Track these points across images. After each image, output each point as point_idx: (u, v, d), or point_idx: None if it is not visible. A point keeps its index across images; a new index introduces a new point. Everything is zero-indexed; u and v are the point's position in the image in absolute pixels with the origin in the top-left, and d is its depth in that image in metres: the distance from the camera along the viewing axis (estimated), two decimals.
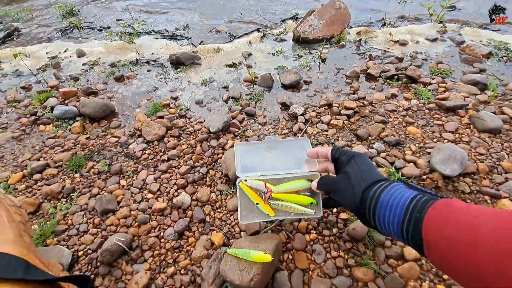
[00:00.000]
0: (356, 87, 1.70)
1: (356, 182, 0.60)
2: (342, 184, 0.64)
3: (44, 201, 1.18)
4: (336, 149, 0.74)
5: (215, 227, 1.03)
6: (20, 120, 1.63)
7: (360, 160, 0.65)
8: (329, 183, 0.71)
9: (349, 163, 0.66)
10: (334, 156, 0.73)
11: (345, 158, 0.69)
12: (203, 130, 1.43)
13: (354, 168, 0.64)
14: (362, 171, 0.61)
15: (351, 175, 0.62)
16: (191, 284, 0.89)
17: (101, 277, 0.92)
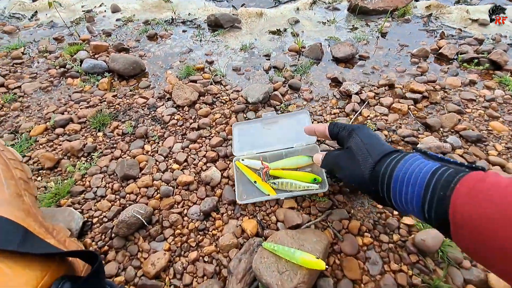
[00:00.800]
0: (425, 68, 1.41)
1: (362, 157, 0.53)
2: (346, 161, 0.57)
3: (63, 157, 1.08)
4: (333, 125, 0.66)
5: (247, 212, 0.87)
6: (49, 71, 1.55)
7: (362, 133, 0.57)
8: (331, 161, 0.62)
9: (351, 137, 0.58)
10: (332, 133, 0.66)
11: (345, 133, 0.61)
12: (240, 100, 1.25)
13: (358, 142, 0.56)
14: (368, 144, 0.54)
15: (354, 150, 0.55)
16: (215, 275, 0.75)
17: (114, 250, 0.80)
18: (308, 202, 0.87)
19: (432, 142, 1.01)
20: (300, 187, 0.83)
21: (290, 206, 0.86)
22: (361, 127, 0.59)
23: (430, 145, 1.00)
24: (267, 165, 0.89)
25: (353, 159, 0.53)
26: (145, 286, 0.72)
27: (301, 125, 0.97)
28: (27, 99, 1.38)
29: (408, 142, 1.05)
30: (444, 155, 1.00)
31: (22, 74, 1.55)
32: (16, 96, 1.39)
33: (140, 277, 0.74)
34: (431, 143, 1.01)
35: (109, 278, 0.74)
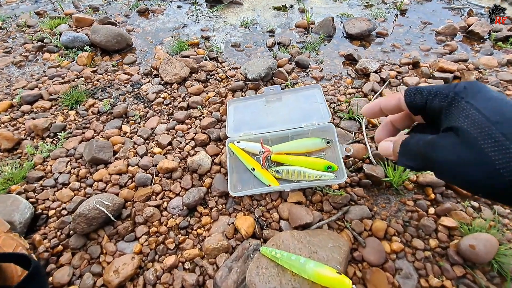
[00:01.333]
0: (454, 46, 1.22)
1: (492, 145, 0.27)
2: (456, 151, 0.30)
3: (26, 138, 0.90)
4: (414, 90, 0.35)
5: (242, 207, 0.69)
6: (25, 46, 1.38)
7: (480, 98, 0.30)
8: (422, 151, 0.33)
9: (457, 108, 0.31)
10: (414, 104, 0.35)
11: (441, 101, 0.33)
12: (239, 77, 1.07)
13: (476, 117, 0.29)
14: (500, 119, 0.28)
15: (472, 133, 0.28)
16: (197, 287, 0.57)
17: (70, 251, 0.62)
18: (319, 196, 0.69)
19: None
20: (311, 177, 0.65)
21: (297, 201, 0.68)
22: (473, 86, 0.32)
23: None
24: (268, 149, 0.71)
25: (471, 148, 0.29)
26: None
27: (311, 102, 0.79)
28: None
29: None
30: None
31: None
32: None
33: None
34: None
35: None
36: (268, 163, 0.71)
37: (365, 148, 0.79)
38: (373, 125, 0.87)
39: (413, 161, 0.34)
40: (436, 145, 0.31)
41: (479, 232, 0.60)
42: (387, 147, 0.39)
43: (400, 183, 0.72)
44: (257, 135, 0.74)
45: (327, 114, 0.73)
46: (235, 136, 0.75)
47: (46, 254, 0.61)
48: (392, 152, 0.38)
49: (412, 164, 0.34)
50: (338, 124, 0.87)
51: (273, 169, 0.69)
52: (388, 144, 0.39)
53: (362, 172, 0.74)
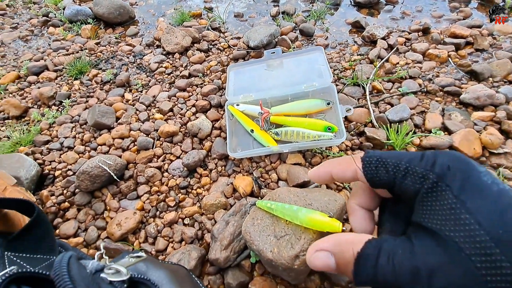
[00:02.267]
0: (468, 12, 1.15)
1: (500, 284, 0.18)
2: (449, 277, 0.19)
3: (33, 106, 0.93)
4: (375, 163, 0.25)
5: (241, 168, 0.70)
6: (31, 21, 1.39)
7: (472, 188, 0.20)
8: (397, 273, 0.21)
9: (441, 203, 0.21)
10: (377, 180, 0.25)
11: (416, 183, 0.23)
12: (241, 46, 1.04)
13: (469, 226, 0.19)
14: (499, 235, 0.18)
15: (468, 257, 0.19)
16: (196, 240, 0.59)
17: (76, 207, 0.65)
18: (319, 158, 0.69)
19: (482, 90, 0.79)
20: (310, 137, 0.65)
21: (296, 162, 0.68)
22: (460, 168, 0.22)
23: (478, 94, 0.78)
24: (267, 110, 0.70)
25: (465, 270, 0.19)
26: (108, 249, 0.57)
27: (313, 64, 0.77)
28: (4, 49, 1.23)
29: (448, 92, 0.83)
30: (496, 107, 0.78)
31: (3, 25, 1.40)
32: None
33: (103, 239, 0.59)
34: (481, 92, 0.79)
35: (65, 239, 0.60)
36: (267, 125, 0.70)
37: (367, 112, 0.77)
38: (378, 90, 0.84)
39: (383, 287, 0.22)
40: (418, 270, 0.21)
41: None
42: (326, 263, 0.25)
43: (403, 146, 0.70)
44: (257, 97, 0.73)
45: (328, 75, 0.72)
46: (234, 99, 0.74)
47: (53, 208, 0.64)
48: (336, 269, 0.25)
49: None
50: (341, 90, 0.85)
51: (272, 130, 0.69)
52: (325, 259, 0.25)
53: (363, 136, 0.73)
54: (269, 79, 0.78)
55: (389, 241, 0.23)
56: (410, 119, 0.75)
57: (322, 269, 0.25)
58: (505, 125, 0.72)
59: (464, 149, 0.67)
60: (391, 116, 0.74)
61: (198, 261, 0.53)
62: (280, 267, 0.44)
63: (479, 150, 0.68)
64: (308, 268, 0.46)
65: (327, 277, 0.52)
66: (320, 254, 0.25)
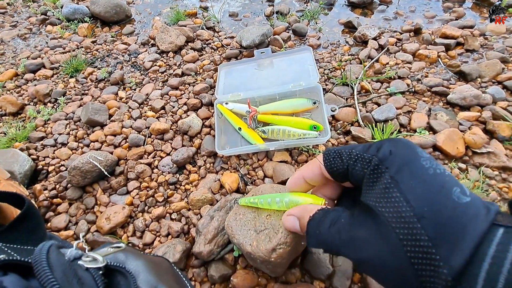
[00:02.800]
0: (461, 13, 1.16)
1: (415, 253, 0.21)
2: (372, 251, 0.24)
3: (29, 103, 0.95)
4: (333, 152, 0.29)
5: (229, 165, 0.71)
6: (29, 19, 1.41)
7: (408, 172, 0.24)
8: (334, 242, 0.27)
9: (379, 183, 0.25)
10: (334, 170, 0.29)
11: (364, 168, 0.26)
12: (234, 45, 1.06)
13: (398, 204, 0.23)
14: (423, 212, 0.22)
15: (392, 227, 0.23)
16: (182, 234, 0.61)
17: (68, 201, 0.67)
18: (305, 156, 0.70)
19: (468, 90, 0.80)
20: (295, 135, 0.66)
21: (282, 160, 0.70)
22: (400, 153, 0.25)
23: (465, 94, 0.79)
24: (255, 109, 0.72)
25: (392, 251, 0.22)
26: (96, 242, 0.59)
27: (301, 64, 0.78)
28: (3, 47, 1.25)
29: (436, 92, 0.84)
30: (482, 108, 0.79)
31: (3, 23, 1.42)
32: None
33: (93, 233, 0.61)
34: (467, 92, 0.80)
35: (56, 232, 0.62)
36: (254, 123, 0.72)
37: (355, 112, 0.79)
38: (366, 90, 0.85)
39: (325, 247, 0.28)
40: (353, 237, 0.25)
41: None
42: (293, 225, 0.33)
43: None
44: (245, 96, 0.75)
45: (315, 75, 0.73)
46: (223, 97, 0.76)
47: (46, 202, 0.66)
48: (300, 229, 0.33)
49: (324, 249, 0.28)
50: (330, 90, 0.86)
51: (259, 129, 0.70)
52: (292, 220, 0.33)
53: (350, 135, 0.74)
54: (258, 79, 0.80)
55: (336, 211, 0.29)
56: (396, 118, 0.76)
57: (291, 230, 0.33)
58: (490, 125, 0.73)
59: (447, 149, 0.68)
60: (377, 116, 0.75)
61: (183, 254, 0.55)
62: (258, 260, 0.46)
63: (462, 150, 0.69)
64: (286, 261, 0.47)
65: (307, 270, 0.54)
66: (289, 218, 0.33)
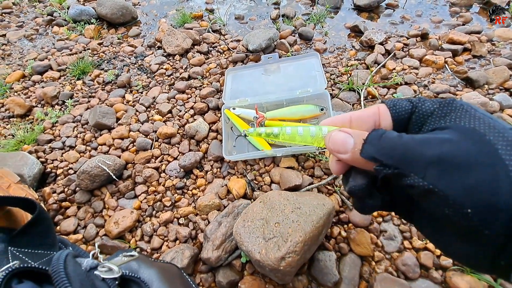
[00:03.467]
0: (468, 17, 1.16)
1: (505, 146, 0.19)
2: (456, 146, 0.20)
3: (37, 105, 0.96)
4: (398, 99, 0.27)
5: (236, 171, 0.72)
6: (36, 20, 1.42)
7: (481, 110, 0.23)
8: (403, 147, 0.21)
9: (455, 111, 0.23)
10: (398, 108, 0.26)
11: (434, 104, 0.25)
12: (240, 49, 1.06)
13: (482, 118, 0.21)
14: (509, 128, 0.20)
15: (478, 129, 0.21)
16: (190, 239, 0.61)
17: (76, 205, 0.68)
18: (311, 162, 0.71)
19: (476, 97, 0.80)
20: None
21: (289, 166, 0.70)
22: (469, 103, 0.25)
23: (472, 102, 0.79)
24: (262, 115, 0.72)
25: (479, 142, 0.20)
26: (105, 246, 0.59)
27: (308, 70, 0.79)
28: (10, 47, 1.26)
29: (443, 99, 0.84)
30: None
31: (9, 24, 1.43)
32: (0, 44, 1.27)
33: (101, 237, 0.62)
34: (474, 99, 0.80)
35: (65, 235, 0.62)
36: None
37: None
38: (373, 96, 0.86)
39: (387, 154, 0.22)
40: (430, 139, 0.22)
41: None
42: (345, 141, 0.26)
43: None
44: (252, 102, 0.75)
45: (323, 81, 0.73)
46: (231, 103, 0.76)
47: (55, 206, 0.66)
48: (351, 150, 0.25)
49: (384, 158, 0.22)
50: (337, 95, 0.86)
51: None
52: (345, 137, 0.26)
53: None
54: (265, 84, 0.80)
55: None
56: None
57: (338, 147, 0.26)
58: None
59: None
60: None
61: (191, 260, 0.56)
62: (267, 268, 0.46)
63: None
64: (294, 270, 0.48)
65: (314, 277, 0.54)
66: (341, 133, 0.26)
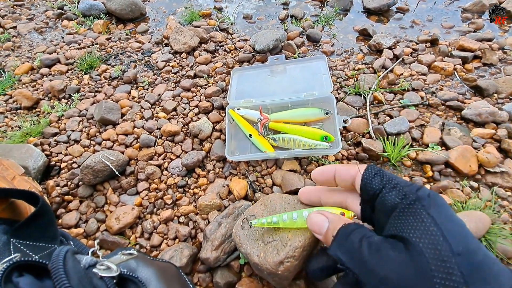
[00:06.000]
0: (479, 24, 1.14)
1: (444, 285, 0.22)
2: (401, 273, 0.24)
3: (44, 98, 0.97)
4: (375, 171, 0.31)
5: (238, 171, 0.72)
6: (46, 13, 1.43)
7: (444, 214, 0.25)
8: (362, 255, 0.27)
9: (414, 217, 0.26)
10: (369, 185, 0.30)
11: (397, 198, 0.28)
12: (247, 49, 1.06)
13: (435, 237, 0.24)
14: (460, 250, 0.23)
15: (426, 257, 0.23)
16: (189, 239, 0.61)
17: (79, 199, 0.68)
18: (314, 166, 0.70)
19: (484, 107, 0.79)
20: (306, 145, 0.66)
21: (291, 169, 0.70)
22: (437, 198, 0.27)
23: (480, 111, 0.78)
24: (266, 116, 0.72)
25: (423, 278, 0.23)
26: (105, 242, 0.60)
27: (314, 73, 0.78)
28: (20, 39, 1.27)
29: (450, 106, 0.83)
30: (498, 125, 0.78)
31: (20, 16, 1.44)
32: (10, 36, 1.28)
33: (102, 232, 0.63)
34: (482, 108, 0.78)
35: (67, 229, 0.63)
36: (265, 131, 0.72)
37: (366, 123, 0.78)
38: (379, 101, 0.85)
39: (347, 257, 0.27)
40: (382, 254, 0.25)
41: (472, 210, 0.59)
42: (321, 225, 0.32)
43: (399, 159, 0.71)
44: (257, 103, 0.75)
45: (329, 85, 0.73)
46: (235, 103, 0.76)
47: (58, 199, 0.67)
48: (325, 233, 0.31)
49: (345, 260, 0.27)
50: (343, 99, 0.85)
51: (270, 136, 0.70)
52: (322, 220, 0.33)
53: (360, 146, 0.74)
54: (271, 85, 0.80)
55: (370, 231, 0.29)
56: (408, 132, 0.75)
57: (315, 229, 0.33)
58: (505, 144, 0.72)
59: (459, 166, 0.67)
60: (389, 129, 0.75)
61: (189, 259, 0.56)
62: (265, 271, 0.46)
63: (475, 168, 0.68)
64: (292, 275, 0.47)
65: (313, 282, 0.54)
66: (320, 217, 0.32)
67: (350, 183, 0.33)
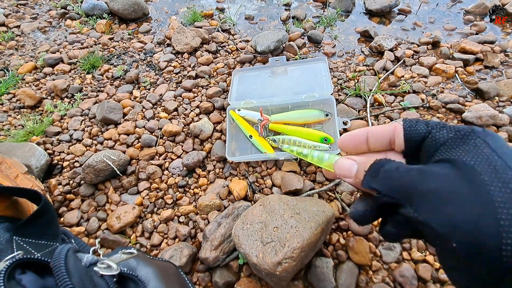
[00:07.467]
0: (482, 26, 1.13)
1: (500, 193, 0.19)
2: (450, 183, 0.21)
3: (47, 97, 0.97)
4: (415, 120, 0.27)
5: (238, 172, 0.72)
6: (50, 12, 1.44)
7: (500, 143, 0.22)
8: (402, 180, 0.23)
9: (467, 144, 0.23)
10: (413, 131, 0.27)
11: (449, 133, 0.24)
12: (248, 50, 1.06)
13: (489, 157, 0.21)
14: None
15: (477, 171, 0.20)
16: (189, 238, 0.62)
17: (80, 198, 0.69)
18: (314, 167, 0.71)
19: (484, 110, 0.79)
20: (306, 147, 0.67)
21: (291, 170, 0.70)
22: (492, 132, 0.24)
23: (481, 113, 0.78)
24: (267, 118, 0.72)
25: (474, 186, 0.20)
26: (106, 240, 0.60)
27: (315, 75, 0.78)
28: (23, 39, 1.28)
29: (451, 109, 0.83)
30: (498, 128, 0.78)
31: (24, 15, 1.45)
32: (14, 35, 1.30)
33: (103, 231, 0.63)
34: (483, 111, 0.78)
35: (68, 227, 0.64)
36: (265, 132, 0.72)
37: (366, 125, 0.78)
38: (379, 103, 0.85)
39: (384, 186, 0.24)
40: (426, 172, 0.23)
41: None
42: (349, 167, 0.28)
43: None
44: (258, 104, 0.75)
45: (329, 87, 0.73)
46: (236, 104, 0.76)
47: (60, 197, 0.68)
48: (355, 175, 0.27)
49: (380, 187, 0.24)
50: (343, 101, 0.86)
51: (270, 137, 0.71)
52: (350, 163, 0.28)
53: None
54: (272, 86, 0.80)
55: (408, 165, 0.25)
56: None
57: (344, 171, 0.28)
58: None
59: None
60: None
61: (189, 259, 0.56)
62: (263, 272, 0.47)
63: None
64: (290, 275, 0.48)
65: (311, 283, 0.55)
66: (347, 160, 0.29)
67: (387, 142, 0.28)
